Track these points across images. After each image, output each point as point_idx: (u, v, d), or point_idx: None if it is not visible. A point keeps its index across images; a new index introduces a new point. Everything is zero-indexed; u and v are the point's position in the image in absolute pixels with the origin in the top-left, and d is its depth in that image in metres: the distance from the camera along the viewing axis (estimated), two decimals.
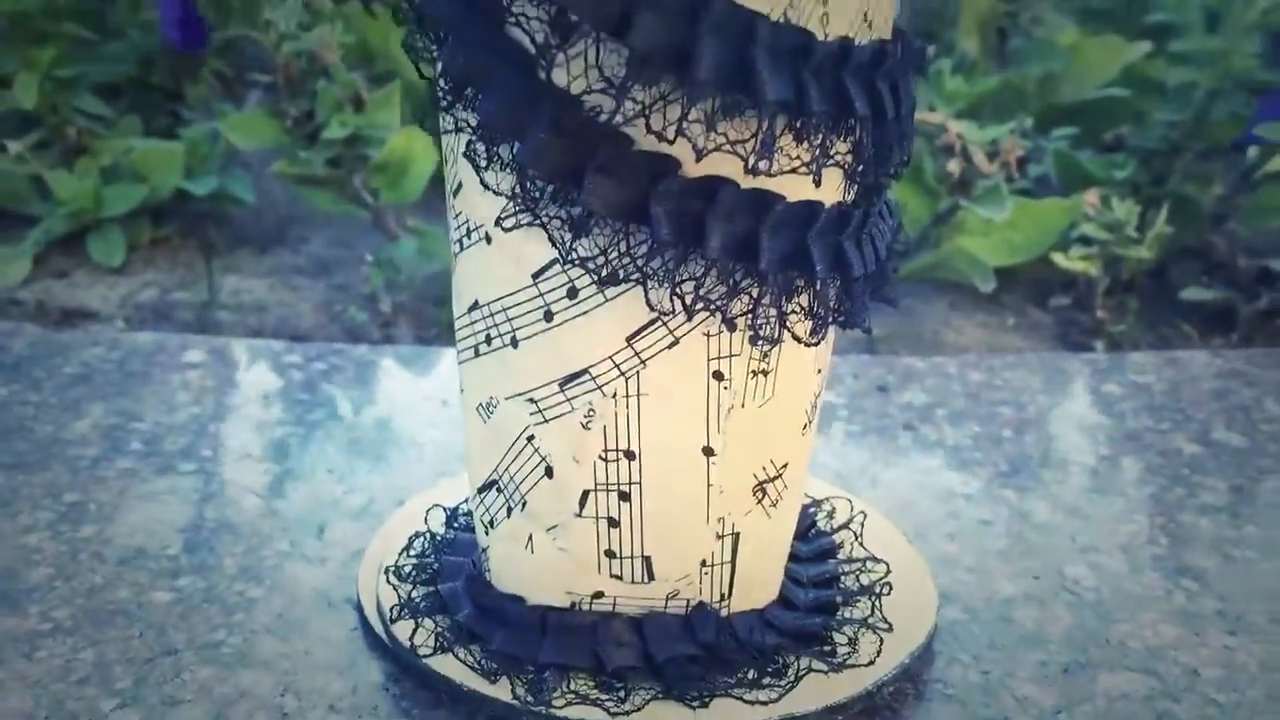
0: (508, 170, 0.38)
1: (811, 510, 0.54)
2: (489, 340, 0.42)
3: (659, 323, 0.39)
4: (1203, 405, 0.70)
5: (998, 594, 0.52)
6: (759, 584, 0.46)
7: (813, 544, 0.52)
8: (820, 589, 0.49)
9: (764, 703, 0.43)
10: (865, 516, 0.54)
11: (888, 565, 0.51)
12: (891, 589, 0.50)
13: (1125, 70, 1.07)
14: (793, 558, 0.49)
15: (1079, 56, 1.09)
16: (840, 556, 0.52)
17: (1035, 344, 0.84)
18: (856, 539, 0.53)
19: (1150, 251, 0.83)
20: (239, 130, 0.87)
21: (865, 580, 0.50)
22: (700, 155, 0.36)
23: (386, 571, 0.50)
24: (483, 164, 0.38)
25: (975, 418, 0.68)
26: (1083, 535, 0.57)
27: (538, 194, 0.38)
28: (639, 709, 0.42)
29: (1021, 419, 0.68)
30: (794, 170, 0.38)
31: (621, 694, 0.43)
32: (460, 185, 0.41)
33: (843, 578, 0.50)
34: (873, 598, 0.49)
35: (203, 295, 0.85)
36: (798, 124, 0.37)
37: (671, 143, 0.36)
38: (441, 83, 0.39)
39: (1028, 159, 0.94)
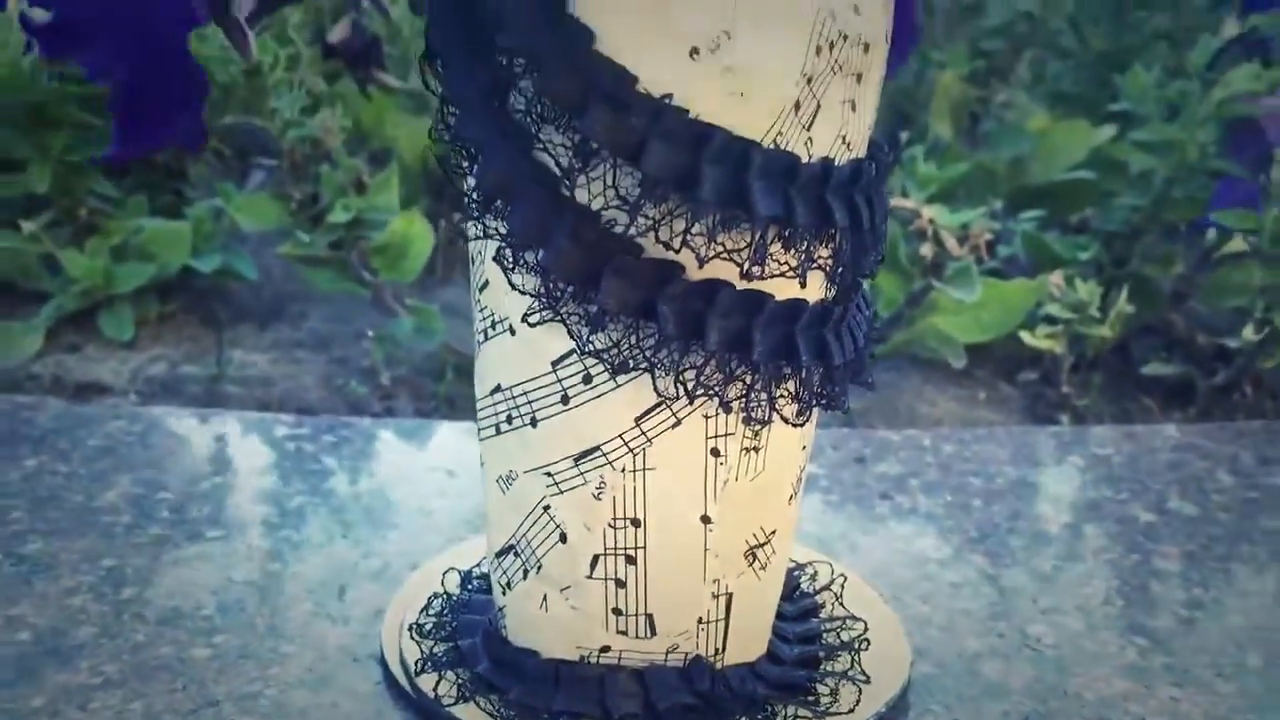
0: (533, 273, 0.45)
1: (796, 573, 0.61)
2: (510, 420, 0.49)
3: (664, 406, 0.46)
4: (1159, 476, 0.77)
5: (966, 650, 0.58)
6: (750, 639, 0.53)
7: (798, 604, 0.58)
8: (805, 645, 0.56)
9: None
10: (845, 579, 0.61)
11: (865, 624, 0.58)
12: (869, 645, 0.56)
13: (1092, 153, 1.16)
14: (780, 616, 0.56)
15: (1047, 140, 1.17)
16: (822, 615, 0.58)
17: (1005, 417, 0.91)
18: (837, 599, 0.59)
19: (1112, 330, 0.91)
20: (245, 212, 0.93)
21: (845, 637, 0.57)
22: (702, 262, 0.43)
23: (409, 629, 0.56)
24: (510, 267, 0.45)
25: (947, 487, 0.75)
26: (1044, 597, 0.63)
27: (559, 294, 0.44)
28: None
29: (990, 489, 0.75)
30: (782, 274, 0.45)
31: None
32: (487, 283, 0.48)
33: (825, 635, 0.57)
34: (852, 653, 0.56)
35: (210, 369, 0.91)
36: (786, 234, 0.44)
37: (677, 251, 0.43)
38: (473, 195, 0.46)
39: (997, 240, 1.02)
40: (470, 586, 0.59)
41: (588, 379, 0.46)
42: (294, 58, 0.93)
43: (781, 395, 0.47)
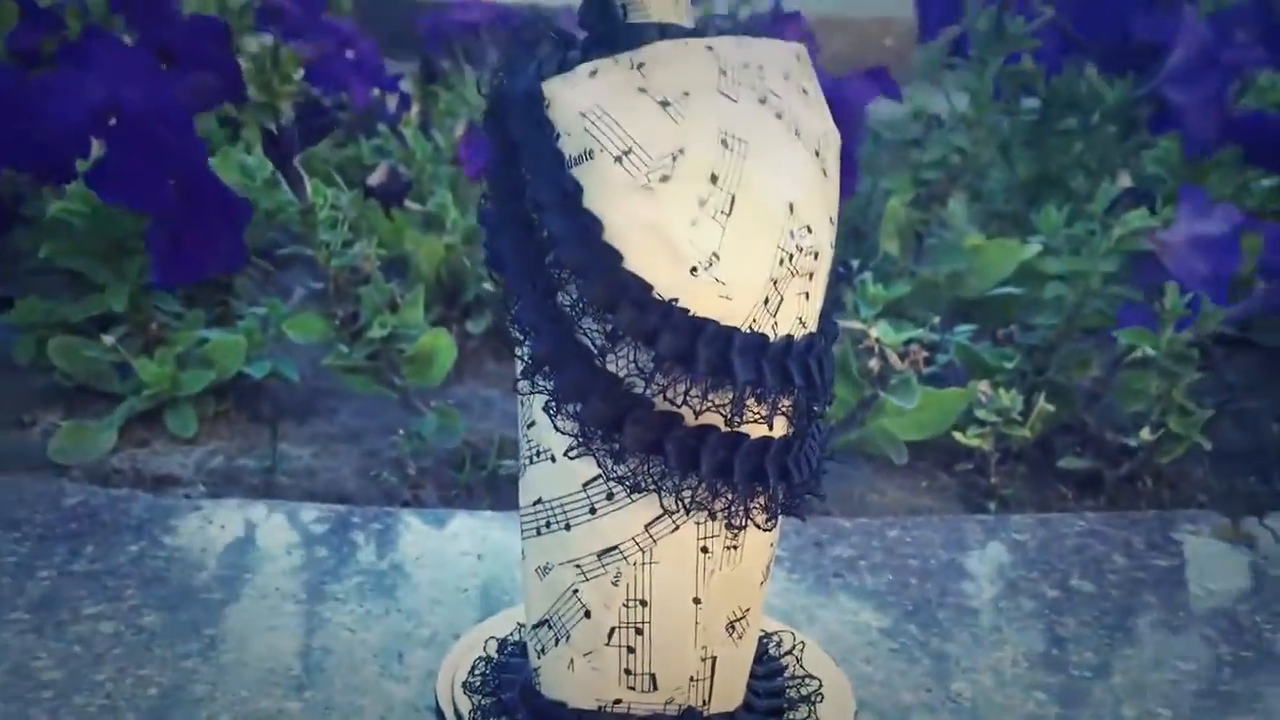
0: (571, 420, 0.61)
1: (765, 640, 0.76)
2: (549, 524, 0.64)
3: (667, 516, 0.62)
4: (1065, 559, 0.93)
5: (901, 703, 0.74)
6: (730, 694, 0.68)
7: (766, 665, 0.74)
8: (772, 698, 0.71)
9: None
10: (803, 645, 0.76)
11: (820, 681, 0.73)
12: (823, 699, 0.71)
13: (1021, 266, 1.33)
14: (752, 675, 0.71)
15: (980, 256, 1.34)
16: (786, 675, 0.74)
17: (943, 505, 1.07)
18: (798, 661, 0.75)
19: (1031, 431, 1.07)
20: (295, 328, 1.09)
21: (804, 692, 0.72)
22: (697, 414, 0.59)
23: (461, 685, 0.71)
24: (554, 415, 0.61)
25: (889, 568, 0.90)
26: (965, 659, 0.79)
27: (591, 435, 0.60)
28: None
29: (925, 569, 0.90)
30: (755, 420, 0.61)
31: None
32: (534, 422, 0.64)
33: (788, 690, 0.72)
34: (809, 705, 0.71)
35: (263, 461, 1.06)
36: (758, 393, 0.60)
37: (679, 406, 0.59)
38: (527, 361, 0.62)
39: (936, 350, 1.18)
40: (507, 651, 0.74)
41: (610, 496, 0.62)
42: (338, 197, 1.09)
43: (755, 507, 0.63)
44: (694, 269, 0.58)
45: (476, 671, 0.72)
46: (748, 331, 0.59)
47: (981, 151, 1.36)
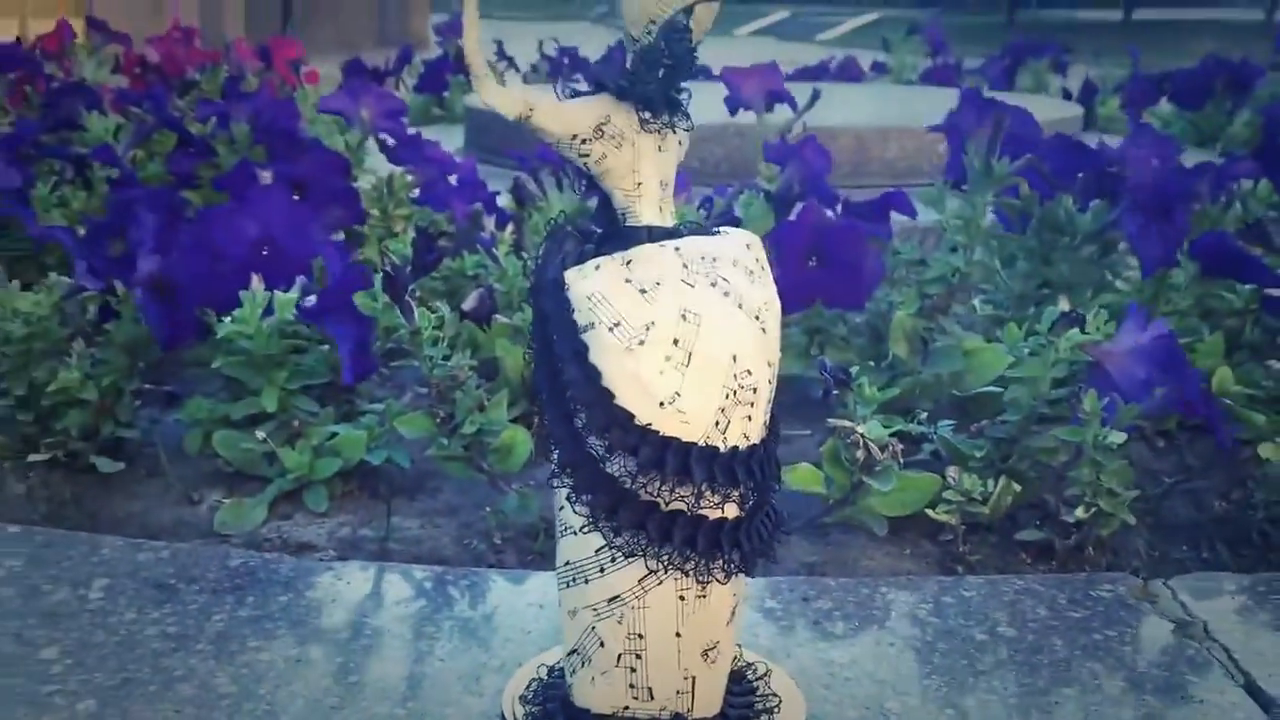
0: (585, 506, 0.88)
1: (744, 667, 1.03)
2: (574, 580, 0.92)
3: (653, 575, 0.89)
4: (1001, 610, 1.18)
5: (845, 717, 1.00)
6: (709, 703, 0.94)
7: (741, 685, 1.00)
8: (742, 709, 0.97)
9: None
10: (770, 671, 1.02)
11: (780, 698, 0.99)
12: (780, 708, 0.98)
13: (1010, 368, 1.57)
14: (730, 691, 0.97)
15: (977, 359, 1.60)
16: (756, 693, 1.00)
17: (922, 568, 1.32)
18: (765, 681, 1.01)
19: (992, 510, 1.32)
20: (406, 424, 1.39)
21: (768, 705, 0.98)
22: (668, 504, 0.87)
23: (519, 699, 0.98)
24: (573, 502, 0.89)
25: (857, 617, 1.16)
26: (900, 684, 1.04)
27: (598, 518, 0.88)
28: None
29: (885, 618, 1.16)
30: (711, 506, 0.88)
31: None
32: (562, 506, 0.91)
33: (755, 704, 0.98)
34: (769, 715, 0.97)
35: (380, 532, 1.36)
36: (712, 487, 0.87)
37: (655, 498, 0.86)
38: (555, 465, 0.89)
39: (924, 440, 1.44)
40: (553, 674, 1.01)
41: (614, 559, 0.89)
42: (440, 321, 1.38)
43: (715, 568, 0.89)
44: (662, 404, 0.85)
45: (530, 689, 1.00)
46: (703, 445, 0.87)
47: (974, 271, 1.62)
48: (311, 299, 1.46)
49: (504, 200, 2.13)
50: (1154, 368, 1.35)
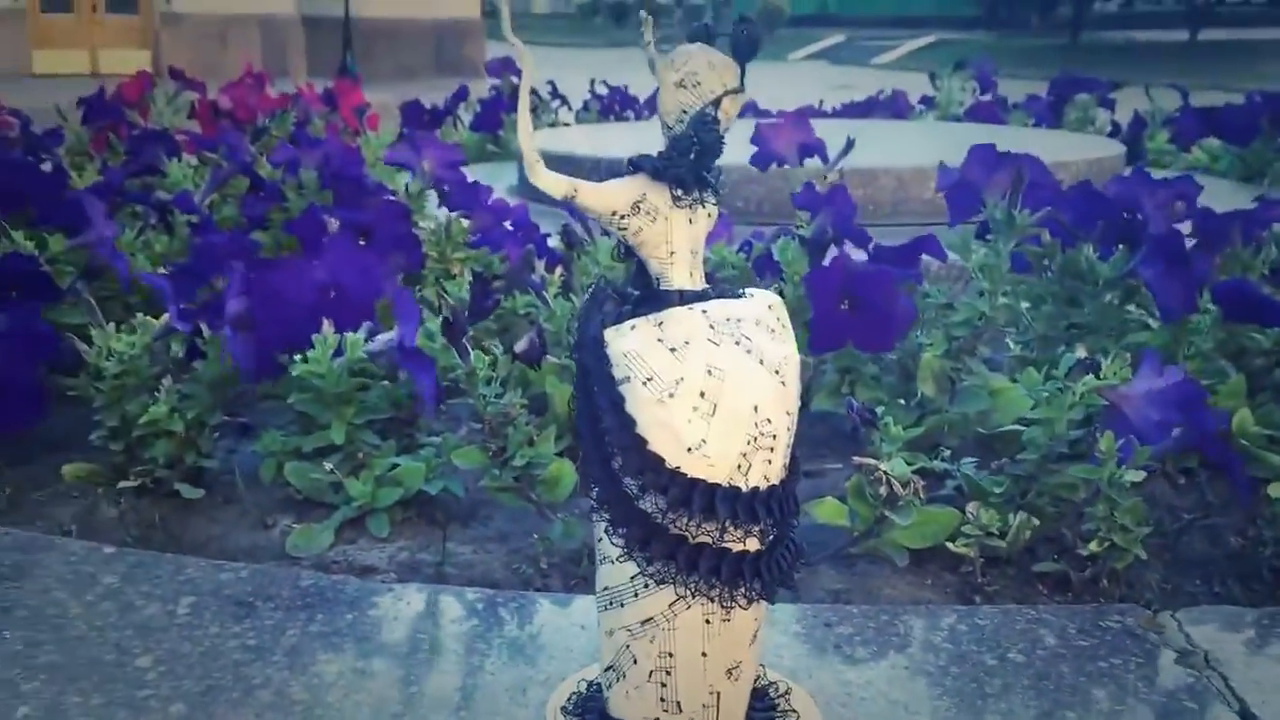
0: (620, 538, 0.99)
1: (766, 685, 1.13)
2: (611, 604, 1.03)
3: (682, 599, 0.99)
4: (1011, 638, 1.27)
5: None
6: (733, 717, 1.05)
7: (764, 701, 1.10)
8: (767, 712, 1.07)
9: None
10: (790, 690, 1.12)
11: (798, 713, 1.09)
12: (798, 716, 1.08)
13: (1030, 409, 1.66)
14: (752, 706, 1.07)
15: (1002, 398, 1.69)
16: (777, 709, 1.10)
17: (942, 598, 1.41)
18: (786, 699, 1.11)
19: (1010, 544, 1.41)
20: (461, 457, 1.50)
21: (789, 709, 1.08)
22: (695, 537, 0.97)
23: (561, 710, 1.09)
24: (610, 535, 1.00)
25: (875, 642, 1.26)
26: (912, 703, 1.14)
27: (632, 548, 0.99)
28: None
29: (902, 643, 1.26)
30: (736, 539, 0.98)
31: None
32: (601, 538, 1.02)
33: (775, 718, 1.08)
34: (791, 712, 1.07)
35: (436, 556, 1.47)
36: (735, 523, 0.98)
37: (684, 531, 0.97)
38: (594, 502, 1.00)
39: (948, 476, 1.53)
40: (592, 688, 1.12)
41: (647, 586, 1.00)
42: (493, 362, 1.50)
43: (738, 595, 1.00)
44: (690, 449, 0.96)
45: (571, 700, 1.11)
46: (727, 486, 0.97)
47: (999, 315, 1.71)
48: (381, 340, 1.59)
49: (554, 242, 2.25)
50: (1170, 411, 1.44)
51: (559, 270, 2.08)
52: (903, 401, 1.74)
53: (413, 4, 15.65)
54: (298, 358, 1.55)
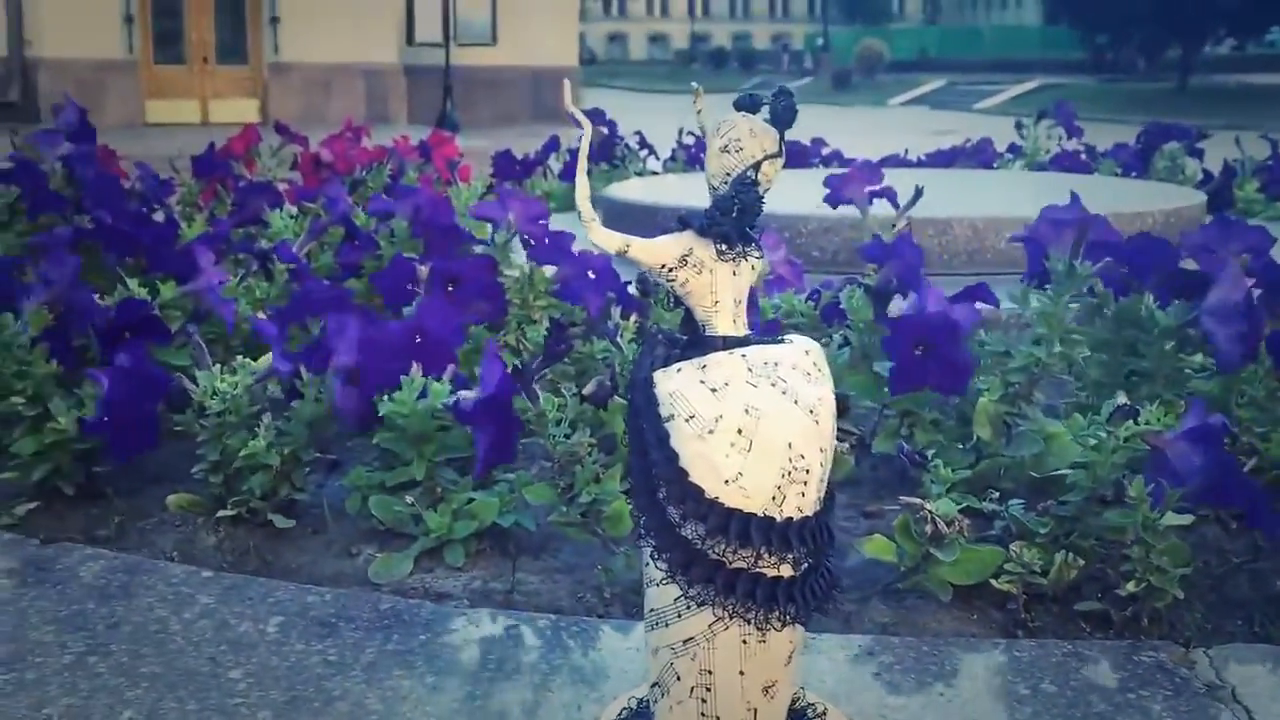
0: (664, 563, 1.09)
1: (804, 704, 1.21)
2: (657, 624, 1.13)
3: (721, 621, 1.09)
4: (1045, 671, 1.34)
5: None
6: None
7: (799, 717, 1.19)
8: None
9: None
10: (827, 710, 1.21)
11: None
12: None
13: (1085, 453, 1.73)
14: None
15: (1056, 442, 1.76)
16: None
17: (984, 632, 1.49)
18: (822, 717, 1.20)
19: (1054, 584, 1.48)
20: (532, 493, 1.61)
21: None
22: (732, 563, 1.07)
23: None
24: (655, 560, 1.10)
25: (914, 670, 1.34)
26: None
27: (674, 573, 1.09)
28: None
29: (940, 672, 1.34)
30: (770, 565, 1.08)
31: None
32: (647, 564, 1.12)
33: None
34: None
35: (507, 584, 1.58)
36: (770, 549, 1.07)
37: (722, 556, 1.07)
38: (640, 528, 1.11)
39: (996, 516, 1.61)
40: (640, 705, 1.22)
41: (688, 607, 1.10)
42: (563, 405, 1.61)
43: (773, 618, 1.09)
44: (727, 481, 1.06)
45: (621, 715, 1.21)
46: (761, 516, 1.07)
47: (1054, 362, 1.79)
48: (463, 396, 1.70)
49: (632, 289, 2.37)
50: (1207, 456, 1.50)
51: (634, 317, 2.19)
52: (960, 445, 1.82)
53: (512, 53, 16.04)
54: (386, 399, 1.67)
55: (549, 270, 2.33)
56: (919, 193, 2.46)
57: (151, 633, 1.38)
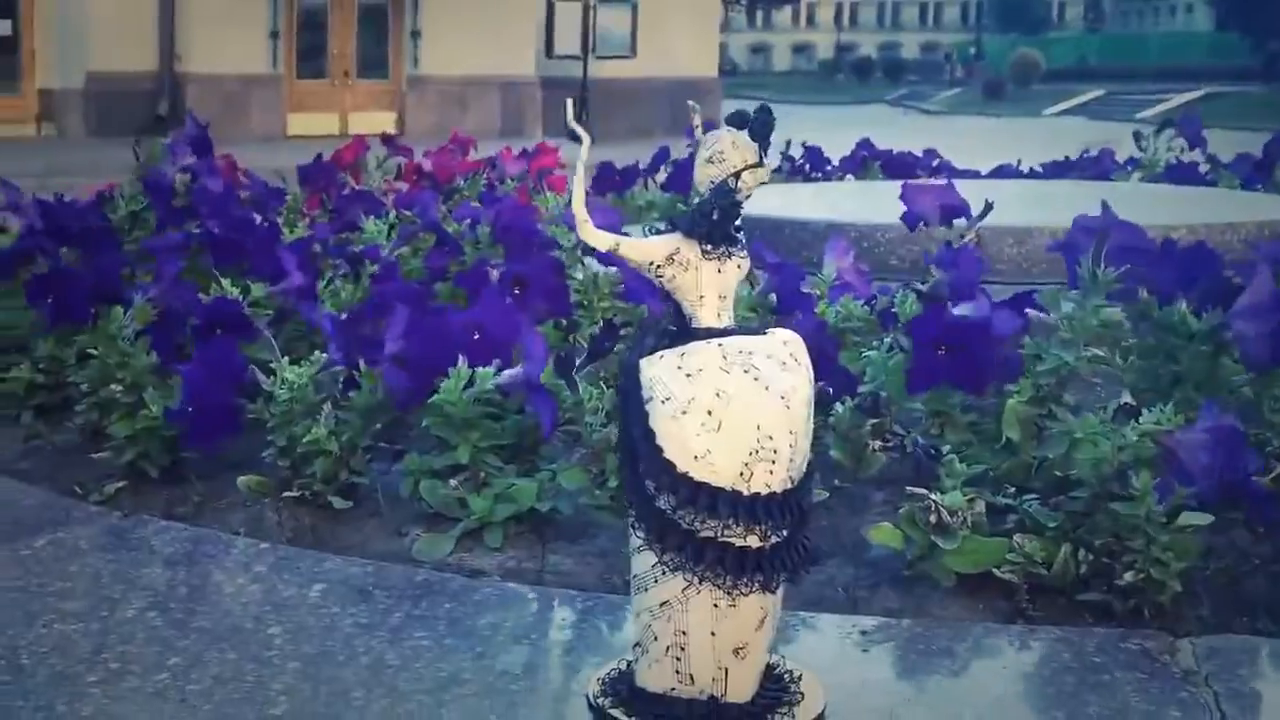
0: (642, 531, 1.23)
1: (781, 671, 1.33)
2: (638, 589, 1.26)
3: (693, 585, 1.22)
4: (1029, 654, 1.44)
5: (863, 713, 1.29)
6: (740, 691, 1.25)
7: (776, 681, 1.31)
8: (771, 699, 1.28)
9: None
10: (802, 675, 1.33)
11: (802, 694, 1.29)
12: (801, 699, 1.28)
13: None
14: (764, 685, 1.28)
15: (1081, 443, 1.84)
16: (790, 691, 1.31)
17: (988, 618, 1.58)
18: (797, 683, 1.31)
19: (1060, 575, 1.57)
20: (567, 478, 1.76)
21: (792, 699, 1.29)
22: (700, 533, 1.20)
23: (599, 680, 1.33)
24: (635, 529, 1.23)
25: (900, 647, 1.45)
26: (925, 694, 1.33)
27: (650, 540, 1.22)
28: None
29: (925, 650, 1.44)
30: (738, 536, 1.20)
31: None
32: (630, 531, 1.26)
33: (783, 696, 1.29)
34: (790, 704, 1.28)
35: (538, 563, 1.73)
36: (737, 520, 1.20)
37: (691, 526, 1.20)
38: (630, 507, 1.24)
39: (1011, 510, 1.70)
40: (627, 666, 1.34)
41: (664, 572, 1.23)
42: (600, 395, 1.76)
43: (741, 584, 1.22)
44: (696, 457, 1.20)
45: (611, 675, 1.34)
46: (729, 490, 1.20)
47: (1082, 366, 1.87)
48: (507, 375, 1.86)
49: None
50: (1217, 455, 1.58)
51: None
52: (994, 445, 1.92)
53: (650, 65, 16.29)
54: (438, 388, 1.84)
55: (612, 272, 2.48)
56: (989, 206, 2.55)
57: (207, 594, 1.57)
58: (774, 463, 1.22)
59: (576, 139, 1.33)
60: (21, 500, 1.91)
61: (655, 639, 1.26)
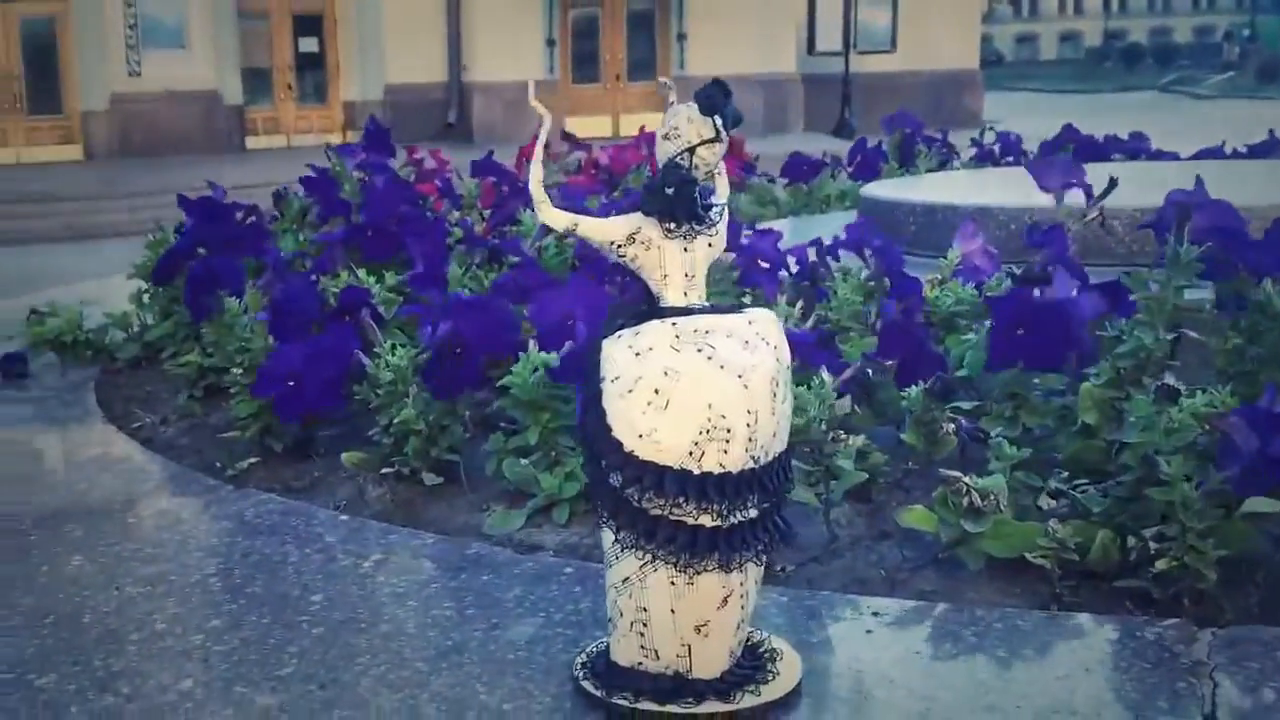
0: (598, 508, 1.21)
1: (761, 647, 1.29)
2: (606, 564, 1.24)
3: (651, 564, 1.20)
4: (1046, 638, 1.35)
5: (852, 687, 1.24)
6: (707, 667, 1.23)
7: (754, 656, 1.27)
8: (742, 675, 1.24)
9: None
10: (782, 652, 1.28)
11: (778, 671, 1.25)
12: (777, 675, 1.24)
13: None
14: (740, 660, 1.25)
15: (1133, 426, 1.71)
16: (767, 666, 1.26)
17: (1022, 601, 1.49)
18: (774, 659, 1.27)
19: (1101, 560, 1.46)
20: None
21: (765, 676, 1.25)
22: (668, 516, 1.17)
23: (585, 652, 1.31)
24: (606, 521, 1.22)
25: (910, 627, 1.38)
26: (902, 678, 1.27)
27: (605, 517, 1.20)
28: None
29: (938, 632, 1.37)
30: (689, 514, 1.17)
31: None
32: (602, 522, 1.24)
33: (756, 674, 1.25)
34: (764, 679, 1.24)
35: (595, 541, 1.73)
36: (685, 499, 1.17)
37: (648, 508, 1.17)
38: (597, 498, 1.23)
39: (1062, 495, 1.60)
40: (602, 645, 1.33)
41: (623, 549, 1.21)
42: None
43: (694, 563, 1.19)
44: (641, 435, 1.17)
45: (591, 652, 1.33)
46: (677, 469, 1.17)
47: (1159, 349, 1.73)
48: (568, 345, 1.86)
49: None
50: (1260, 438, 1.44)
51: (799, 302, 2.27)
52: (1070, 427, 1.80)
53: (911, 59, 16.03)
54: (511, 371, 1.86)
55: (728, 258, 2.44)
56: (1113, 183, 2.39)
57: (272, 562, 1.63)
58: (728, 442, 1.18)
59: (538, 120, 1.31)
60: (157, 473, 2.04)
61: (621, 614, 1.24)
